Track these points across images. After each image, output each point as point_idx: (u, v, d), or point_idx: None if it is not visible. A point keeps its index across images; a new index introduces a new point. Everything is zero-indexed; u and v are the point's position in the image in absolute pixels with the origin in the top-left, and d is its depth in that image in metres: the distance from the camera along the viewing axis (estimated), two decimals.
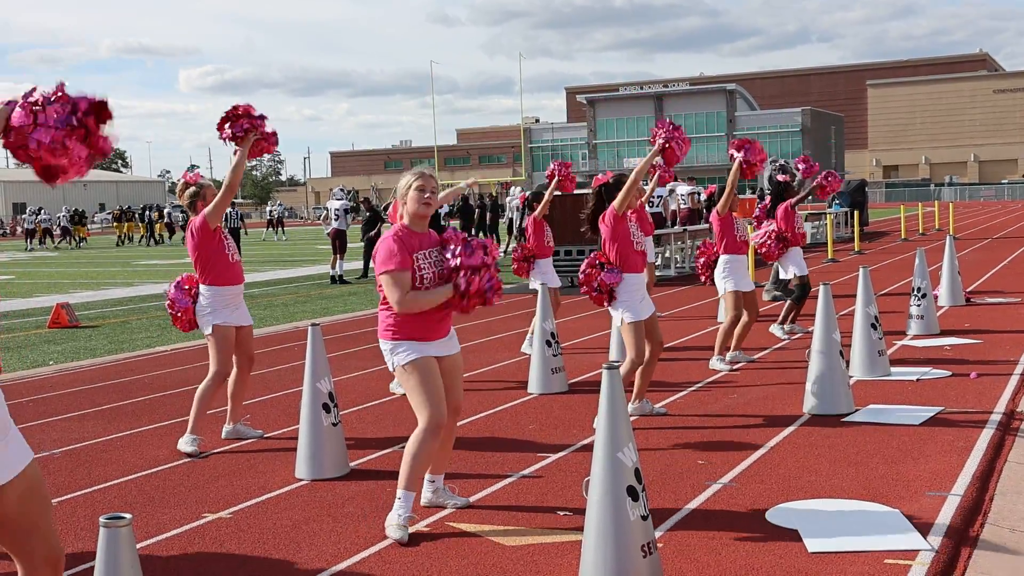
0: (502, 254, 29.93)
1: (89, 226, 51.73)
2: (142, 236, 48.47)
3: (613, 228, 7.14)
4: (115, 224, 50.61)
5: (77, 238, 47.97)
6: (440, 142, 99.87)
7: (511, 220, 29.85)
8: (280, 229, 48.55)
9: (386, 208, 19.14)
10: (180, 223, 48.34)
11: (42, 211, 49.29)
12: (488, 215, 31.02)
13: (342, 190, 23.33)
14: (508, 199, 30.41)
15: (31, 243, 46.58)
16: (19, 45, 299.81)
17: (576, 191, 18.28)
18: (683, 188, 23.76)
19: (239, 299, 7.11)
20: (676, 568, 4.51)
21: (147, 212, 49.51)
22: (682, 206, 23.24)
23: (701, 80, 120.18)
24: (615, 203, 7.13)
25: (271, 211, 50.07)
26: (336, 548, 4.99)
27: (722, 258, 9.40)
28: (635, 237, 7.17)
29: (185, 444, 7.01)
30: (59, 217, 49.85)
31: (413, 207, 5.13)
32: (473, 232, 31.38)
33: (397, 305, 5.00)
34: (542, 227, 10.64)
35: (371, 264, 21.78)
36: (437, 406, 5.11)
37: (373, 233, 20.47)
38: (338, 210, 21.42)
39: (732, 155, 8.87)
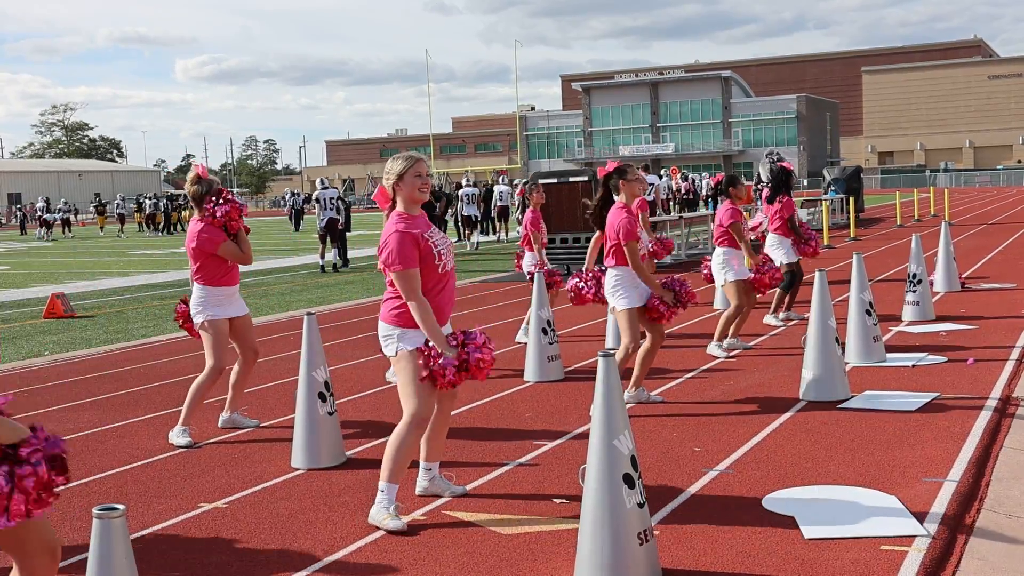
0: (498, 241, 29.99)
1: (83, 217, 51.35)
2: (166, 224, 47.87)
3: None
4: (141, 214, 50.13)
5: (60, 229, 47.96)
6: (436, 130, 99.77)
7: (506, 208, 29.91)
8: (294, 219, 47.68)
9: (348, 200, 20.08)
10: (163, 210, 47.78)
11: (63, 202, 49.42)
12: (482, 204, 31.00)
13: (328, 180, 23.51)
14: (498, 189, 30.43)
15: (50, 233, 46.66)
16: (15, 35, 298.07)
17: (571, 179, 18.31)
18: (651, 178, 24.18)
19: (233, 296, 7.13)
20: (673, 555, 4.50)
21: (159, 201, 49.32)
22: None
23: (696, 67, 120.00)
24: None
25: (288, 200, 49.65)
26: (332, 537, 4.98)
27: (718, 250, 9.50)
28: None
29: (176, 436, 7.00)
30: (59, 208, 49.94)
31: (411, 193, 5.08)
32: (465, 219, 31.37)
33: (411, 302, 4.98)
34: (539, 219, 10.64)
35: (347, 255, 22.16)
36: (427, 400, 5.07)
37: (342, 222, 21.40)
38: (333, 199, 21.45)
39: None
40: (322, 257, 21.72)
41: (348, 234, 22.80)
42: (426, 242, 5.03)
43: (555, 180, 17.90)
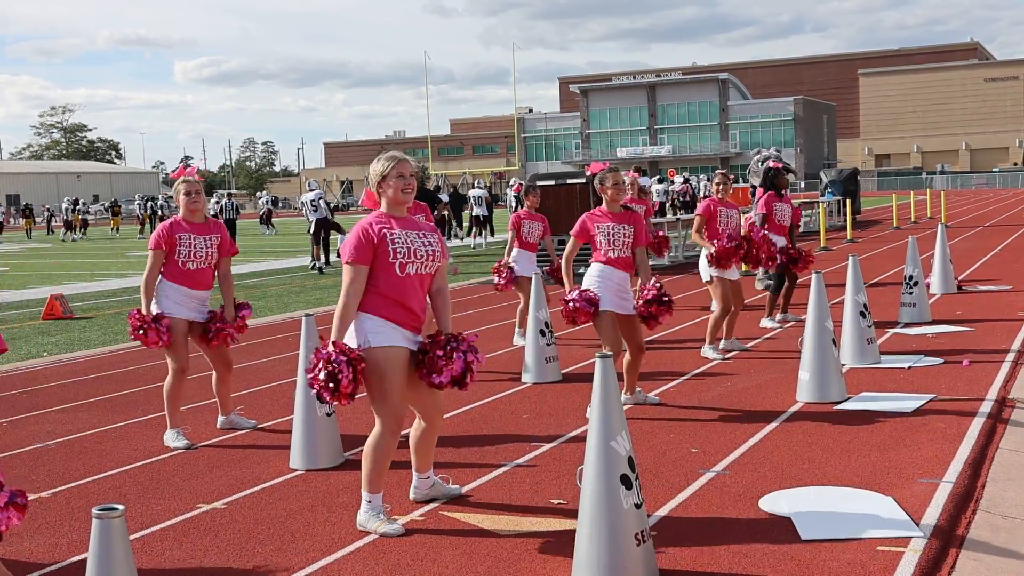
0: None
1: (86, 217, 50.98)
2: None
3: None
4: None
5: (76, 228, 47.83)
6: (434, 132, 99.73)
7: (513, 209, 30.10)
8: (269, 223, 47.07)
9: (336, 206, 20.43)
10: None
11: (80, 202, 49.30)
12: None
13: (322, 182, 23.73)
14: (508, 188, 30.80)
15: (68, 234, 46.58)
16: (16, 36, 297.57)
17: (568, 181, 18.33)
18: (657, 185, 24.42)
19: (198, 299, 6.95)
20: (670, 556, 4.52)
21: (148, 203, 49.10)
22: (655, 199, 23.75)
23: (694, 70, 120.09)
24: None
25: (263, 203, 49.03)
26: (330, 538, 4.99)
27: (704, 250, 9.44)
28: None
29: (172, 439, 6.99)
30: (65, 209, 49.86)
31: (394, 195, 4.98)
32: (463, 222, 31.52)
33: (341, 296, 4.89)
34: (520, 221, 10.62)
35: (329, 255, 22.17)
36: (394, 402, 4.90)
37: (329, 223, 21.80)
38: (314, 201, 21.58)
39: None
40: (316, 259, 21.82)
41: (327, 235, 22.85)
42: (383, 239, 4.87)
43: (552, 182, 17.92)
